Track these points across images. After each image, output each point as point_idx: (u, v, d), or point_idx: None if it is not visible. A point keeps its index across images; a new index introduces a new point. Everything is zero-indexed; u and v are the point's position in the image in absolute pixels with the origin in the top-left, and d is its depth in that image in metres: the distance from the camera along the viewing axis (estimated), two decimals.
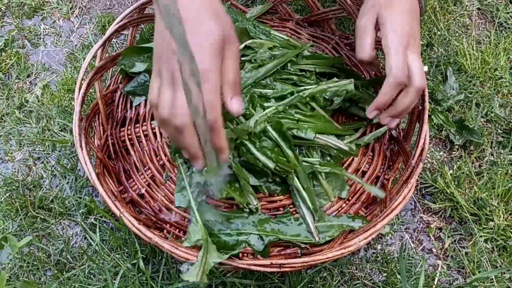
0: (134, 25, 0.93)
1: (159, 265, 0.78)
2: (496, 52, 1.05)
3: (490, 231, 0.85)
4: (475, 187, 0.88)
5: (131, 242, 0.78)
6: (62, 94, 0.96)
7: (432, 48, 1.06)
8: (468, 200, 0.87)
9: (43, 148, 0.91)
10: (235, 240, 0.78)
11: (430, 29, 1.08)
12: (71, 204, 0.84)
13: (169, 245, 0.69)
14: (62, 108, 0.93)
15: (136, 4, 0.91)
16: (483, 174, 0.90)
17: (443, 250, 0.85)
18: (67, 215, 0.84)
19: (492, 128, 0.96)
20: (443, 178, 0.89)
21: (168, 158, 0.85)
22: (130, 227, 0.71)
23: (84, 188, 0.86)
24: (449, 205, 0.87)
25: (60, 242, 0.81)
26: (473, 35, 1.08)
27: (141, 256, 0.76)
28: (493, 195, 0.87)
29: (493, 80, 1.01)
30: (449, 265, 0.83)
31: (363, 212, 0.84)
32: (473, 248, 0.83)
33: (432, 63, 1.03)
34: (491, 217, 0.85)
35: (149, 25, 1.05)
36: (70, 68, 1.00)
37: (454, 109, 0.97)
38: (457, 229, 0.86)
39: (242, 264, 0.69)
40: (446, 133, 0.95)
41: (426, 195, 0.90)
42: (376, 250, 0.84)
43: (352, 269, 0.81)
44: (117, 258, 0.78)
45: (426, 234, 0.86)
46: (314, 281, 0.78)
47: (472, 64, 1.02)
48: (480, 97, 0.99)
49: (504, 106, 0.99)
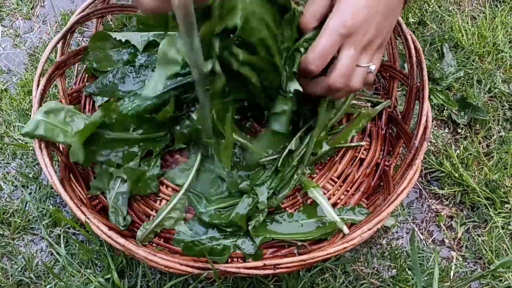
0: (99, 16, 0.85)
1: (136, 278, 0.68)
2: (493, 26, 0.97)
3: (506, 214, 0.76)
4: (485, 168, 0.79)
5: (103, 254, 0.68)
6: (22, 97, 0.86)
7: (425, 26, 0.98)
8: (479, 183, 0.78)
9: (2, 157, 0.81)
10: (222, 244, 0.69)
11: (421, 7, 1.00)
12: (34, 216, 0.74)
13: (144, 251, 0.60)
14: (22, 112, 0.84)
15: None
16: (493, 154, 0.81)
17: (457, 240, 0.76)
18: (30, 229, 0.74)
19: (497, 104, 0.88)
20: (449, 161, 0.80)
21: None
22: (100, 234, 0.61)
23: (48, 198, 0.76)
24: (459, 190, 0.78)
25: (22, 260, 0.71)
26: (466, 11, 1.01)
27: (115, 268, 0.66)
28: (505, 176, 0.78)
29: (493, 55, 0.93)
30: (465, 256, 0.74)
31: (364, 203, 0.75)
32: (490, 235, 0.74)
33: (426, 41, 0.95)
34: (506, 199, 0.76)
35: (115, 17, 0.96)
36: (31, 69, 0.91)
37: (454, 87, 0.89)
38: (470, 216, 0.77)
39: (231, 268, 0.59)
40: (448, 113, 0.86)
41: (432, 181, 0.81)
42: (382, 245, 0.75)
43: (357, 267, 0.71)
44: (88, 274, 0.68)
45: (436, 224, 0.77)
46: (315, 283, 0.68)
47: (469, 40, 0.95)
48: (481, 73, 0.91)
49: (507, 81, 0.91)
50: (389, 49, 0.82)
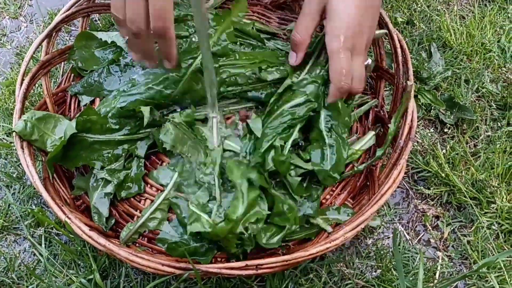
0: (84, 15, 0.84)
1: (119, 279, 0.67)
2: (482, 26, 0.97)
3: (492, 215, 0.75)
4: (472, 168, 0.79)
5: (86, 255, 0.67)
6: (7, 96, 0.85)
7: (413, 25, 0.98)
8: (465, 183, 0.78)
9: None
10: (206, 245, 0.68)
11: (409, 6, 1.00)
12: (17, 217, 0.74)
13: (126, 251, 0.59)
14: (7, 112, 0.83)
15: None
16: (480, 154, 0.81)
17: (443, 240, 0.75)
18: (13, 229, 0.73)
19: (484, 104, 0.87)
20: (436, 161, 0.80)
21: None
22: (80, 235, 0.61)
23: (32, 198, 0.76)
24: (445, 190, 0.78)
25: (4, 261, 0.70)
26: (455, 10, 1.00)
27: (98, 269, 0.66)
28: (492, 176, 0.78)
29: (481, 55, 0.93)
30: (451, 256, 0.74)
31: (350, 203, 0.75)
32: (476, 235, 0.74)
33: (414, 41, 0.95)
34: (493, 199, 0.76)
35: (103, 16, 0.95)
36: (17, 68, 0.90)
37: (442, 87, 0.89)
38: (456, 216, 0.77)
39: (213, 268, 0.59)
40: (436, 112, 0.86)
41: (418, 181, 0.80)
42: (367, 245, 0.74)
43: (341, 267, 0.71)
44: (70, 274, 0.67)
45: (422, 224, 0.77)
46: (298, 283, 0.68)
47: (457, 39, 0.94)
48: (469, 73, 0.90)
49: (495, 81, 0.90)
50: (376, 49, 0.82)
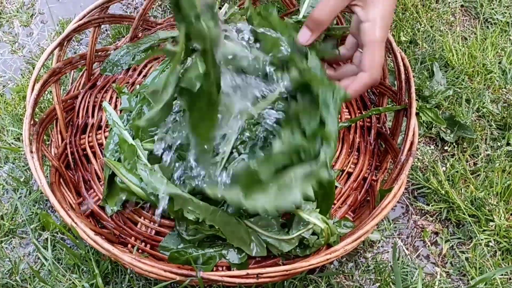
0: (96, 25, 0.86)
1: (121, 284, 0.68)
2: (484, 47, 0.99)
3: (491, 232, 0.76)
4: (471, 186, 0.80)
5: (89, 260, 0.68)
6: (17, 102, 0.87)
7: (416, 45, 1.00)
8: (465, 200, 0.79)
9: None
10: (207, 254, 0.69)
11: (413, 26, 1.02)
12: (23, 220, 0.75)
13: (130, 257, 0.61)
14: (16, 117, 0.85)
15: (98, 1, 0.85)
16: (479, 172, 0.82)
17: (441, 256, 0.76)
18: (18, 233, 0.75)
19: (485, 123, 0.89)
20: (436, 177, 0.81)
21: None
22: (86, 239, 0.62)
23: (38, 202, 0.77)
24: (445, 207, 0.79)
25: (9, 263, 0.71)
26: (458, 31, 1.03)
27: (100, 274, 0.67)
28: (491, 194, 0.79)
29: (482, 75, 0.95)
30: (449, 272, 0.75)
31: (350, 216, 0.76)
32: (474, 252, 0.75)
33: (417, 60, 0.97)
34: (491, 217, 0.77)
35: (113, 27, 0.98)
36: (28, 75, 0.92)
37: (443, 105, 0.91)
38: (455, 233, 0.78)
39: (214, 276, 0.60)
40: (437, 130, 0.88)
41: (418, 197, 0.82)
42: (367, 258, 0.75)
43: (341, 279, 0.72)
44: (73, 278, 0.68)
45: (421, 240, 0.78)
46: None
47: (459, 60, 0.96)
48: (470, 93, 0.92)
49: (495, 101, 0.92)
50: None
